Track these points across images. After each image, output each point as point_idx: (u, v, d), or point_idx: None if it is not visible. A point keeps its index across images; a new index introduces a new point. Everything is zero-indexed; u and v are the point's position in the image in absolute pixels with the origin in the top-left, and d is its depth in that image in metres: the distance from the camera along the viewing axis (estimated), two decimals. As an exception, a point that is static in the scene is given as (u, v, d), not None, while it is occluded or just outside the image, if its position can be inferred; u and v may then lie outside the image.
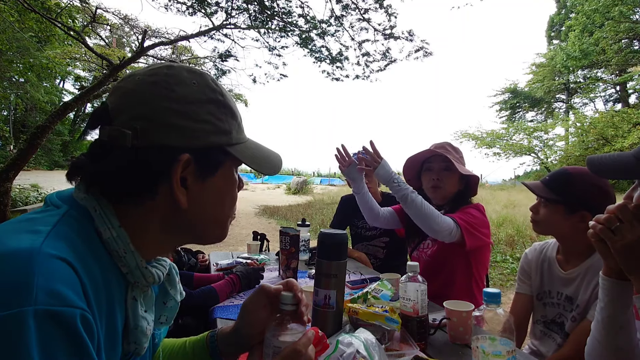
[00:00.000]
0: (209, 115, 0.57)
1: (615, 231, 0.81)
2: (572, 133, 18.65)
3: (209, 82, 0.59)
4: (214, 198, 0.60)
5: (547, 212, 1.32)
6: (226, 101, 0.60)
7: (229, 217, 0.65)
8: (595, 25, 19.60)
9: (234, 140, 0.60)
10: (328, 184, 22.56)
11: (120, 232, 0.53)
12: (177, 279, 0.69)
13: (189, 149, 0.55)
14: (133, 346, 0.56)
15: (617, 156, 0.84)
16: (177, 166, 0.54)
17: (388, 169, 1.63)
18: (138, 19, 9.93)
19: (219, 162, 0.59)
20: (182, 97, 0.55)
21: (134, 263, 0.54)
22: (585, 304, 1.25)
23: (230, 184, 0.62)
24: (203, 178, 0.58)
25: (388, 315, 1.08)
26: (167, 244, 0.61)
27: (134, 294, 0.57)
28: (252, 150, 0.64)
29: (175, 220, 0.58)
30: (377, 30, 8.51)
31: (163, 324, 0.68)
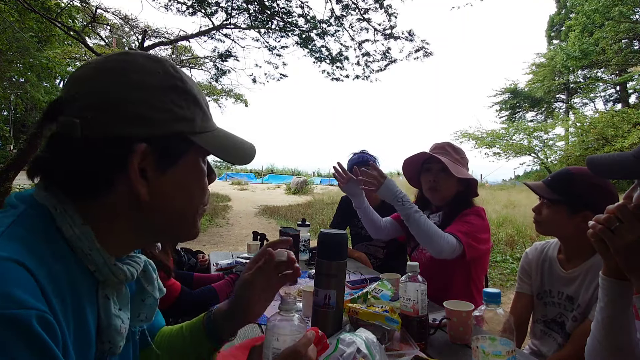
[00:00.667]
0: (167, 102, 0.54)
1: (615, 231, 0.81)
2: (572, 133, 18.64)
3: (167, 69, 0.56)
4: (177, 189, 0.57)
5: (549, 212, 1.32)
6: (187, 88, 0.57)
7: (197, 209, 0.61)
8: (595, 25, 19.58)
9: (197, 128, 0.57)
10: (328, 184, 22.55)
11: (84, 230, 0.51)
12: (155, 276, 0.67)
13: (145, 138, 0.51)
14: (107, 345, 0.55)
15: (617, 156, 0.84)
16: (134, 156, 0.51)
17: (392, 187, 1.61)
18: (138, 19, 9.93)
19: (181, 152, 0.56)
20: (136, 84, 0.52)
21: (101, 260, 0.52)
22: (587, 304, 1.25)
23: (195, 175, 0.59)
24: (164, 168, 0.54)
25: (388, 315, 1.08)
26: (137, 240, 0.59)
27: (105, 292, 0.55)
28: (221, 140, 0.61)
29: (141, 215, 0.55)
30: (377, 30, 8.51)
31: (143, 321, 0.66)
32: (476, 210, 1.70)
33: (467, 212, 1.68)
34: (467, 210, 1.70)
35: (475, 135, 20.17)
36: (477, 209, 1.71)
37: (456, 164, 1.74)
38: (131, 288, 0.65)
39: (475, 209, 1.72)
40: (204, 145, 0.57)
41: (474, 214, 1.67)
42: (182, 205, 0.58)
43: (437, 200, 1.79)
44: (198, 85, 0.61)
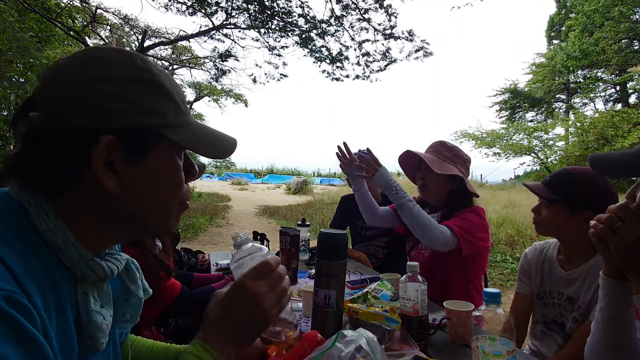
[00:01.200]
0: (134, 95, 0.53)
1: (616, 231, 0.81)
2: (572, 133, 18.63)
3: (135, 61, 0.55)
4: (149, 183, 0.56)
5: (549, 213, 1.32)
6: (157, 81, 0.56)
7: (171, 205, 0.60)
8: (595, 25, 19.57)
9: (170, 122, 0.56)
10: (328, 184, 22.56)
11: (57, 224, 0.51)
12: (139, 275, 0.67)
13: (111, 130, 0.51)
14: (89, 342, 0.55)
15: (620, 154, 0.83)
16: (98, 149, 0.50)
17: (386, 176, 1.63)
18: (138, 19, 9.94)
19: (150, 145, 0.55)
20: (103, 77, 0.52)
21: (76, 255, 0.52)
22: (587, 305, 1.25)
23: (168, 169, 0.58)
24: (133, 162, 0.54)
25: (388, 315, 1.08)
26: (114, 235, 0.59)
27: (84, 288, 0.55)
28: (196, 134, 0.60)
29: (114, 209, 0.55)
30: (377, 30, 8.51)
31: (128, 322, 0.66)
32: (475, 210, 1.70)
33: (466, 211, 1.68)
34: (465, 209, 1.69)
35: (475, 135, 20.17)
36: (476, 208, 1.71)
37: (444, 162, 1.72)
38: (115, 288, 0.64)
39: (474, 208, 1.71)
40: (176, 139, 0.57)
41: (472, 212, 1.67)
42: (154, 200, 0.58)
43: (428, 198, 1.80)
44: (174, 80, 0.61)
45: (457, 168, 1.73)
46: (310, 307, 1.20)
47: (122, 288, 0.66)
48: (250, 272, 0.65)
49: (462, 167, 1.76)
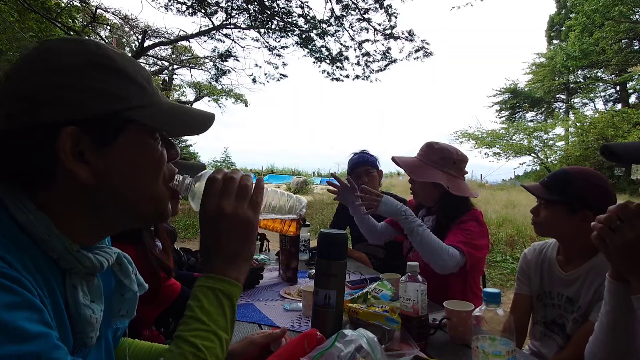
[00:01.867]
0: (91, 81, 0.52)
1: (616, 230, 0.81)
2: (572, 133, 18.62)
3: (88, 48, 0.54)
4: (125, 169, 0.55)
5: (548, 213, 1.31)
6: (116, 65, 0.54)
7: (155, 188, 0.59)
8: (595, 25, 19.57)
9: (134, 104, 0.55)
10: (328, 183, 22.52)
11: (38, 215, 0.50)
12: (132, 269, 0.66)
13: (72, 121, 0.50)
14: (78, 335, 0.54)
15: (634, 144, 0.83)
16: (62, 141, 0.49)
17: (391, 204, 1.59)
18: (138, 19, 9.94)
19: (118, 130, 0.54)
20: (54, 68, 0.51)
21: (61, 246, 0.51)
22: (587, 306, 1.24)
23: (141, 152, 0.56)
24: (102, 149, 0.53)
25: (388, 315, 1.08)
26: (103, 226, 0.58)
27: (72, 281, 0.54)
28: (165, 113, 0.58)
29: (95, 199, 0.54)
30: (377, 30, 8.52)
31: (124, 317, 0.65)
32: (474, 215, 1.65)
33: (465, 219, 1.63)
34: (464, 217, 1.63)
35: (475, 135, 20.16)
36: (475, 213, 1.66)
37: (428, 166, 1.68)
38: (109, 284, 0.64)
39: (473, 213, 1.66)
40: (143, 121, 0.55)
41: (472, 220, 1.62)
42: (135, 185, 0.56)
43: (420, 201, 1.81)
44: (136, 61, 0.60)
45: (442, 172, 1.67)
46: (310, 307, 1.20)
47: (116, 283, 0.65)
48: (203, 196, 0.63)
49: (452, 169, 1.69)
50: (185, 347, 0.53)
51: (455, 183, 1.67)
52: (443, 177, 1.65)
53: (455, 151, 1.73)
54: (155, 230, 1.52)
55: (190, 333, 0.55)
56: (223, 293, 0.58)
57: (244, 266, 0.63)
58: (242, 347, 0.87)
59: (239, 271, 0.62)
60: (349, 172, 2.41)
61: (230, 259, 0.61)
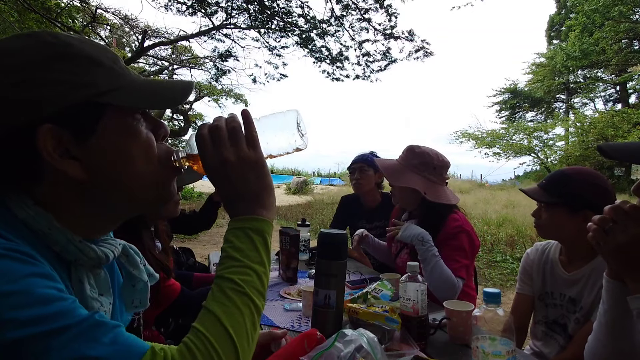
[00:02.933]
0: (53, 73, 0.49)
1: (608, 232, 0.81)
2: (572, 133, 18.62)
3: (43, 39, 0.51)
4: (113, 157, 0.53)
5: (549, 215, 1.31)
6: (75, 51, 0.52)
7: (152, 170, 0.57)
8: (595, 25, 19.57)
9: (103, 88, 0.52)
10: (328, 184, 22.55)
11: (37, 210, 0.50)
12: (140, 259, 0.65)
13: (45, 118, 0.48)
14: None
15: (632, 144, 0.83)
16: (41, 141, 0.48)
17: (411, 229, 1.58)
18: (138, 19, 9.93)
19: (94, 118, 0.52)
20: (13, 68, 0.49)
21: (63, 239, 0.51)
22: (590, 306, 1.24)
23: (128, 135, 0.55)
24: (84, 142, 0.51)
25: (388, 315, 1.08)
26: (102, 218, 0.57)
27: (78, 274, 0.54)
28: (138, 90, 0.56)
29: (92, 193, 0.53)
30: (378, 30, 8.52)
31: (137, 307, 0.65)
32: (461, 226, 1.62)
33: (453, 232, 1.61)
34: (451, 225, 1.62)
35: (475, 135, 20.17)
36: (461, 224, 1.63)
37: (406, 170, 1.66)
38: (118, 279, 0.64)
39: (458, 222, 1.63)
40: (118, 103, 0.53)
41: (462, 232, 1.61)
42: (128, 171, 0.54)
43: (399, 204, 1.83)
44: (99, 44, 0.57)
45: (421, 177, 1.65)
46: (310, 307, 1.20)
47: (126, 275, 0.65)
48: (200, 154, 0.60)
49: (431, 174, 1.66)
50: (224, 284, 0.53)
51: (434, 189, 1.64)
52: (420, 183, 1.63)
53: (436, 156, 1.69)
54: (155, 230, 1.52)
55: (226, 271, 0.54)
56: (253, 230, 0.57)
57: (268, 201, 0.61)
58: None
59: (265, 207, 0.60)
60: (349, 167, 2.55)
61: (253, 199, 0.60)
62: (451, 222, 1.63)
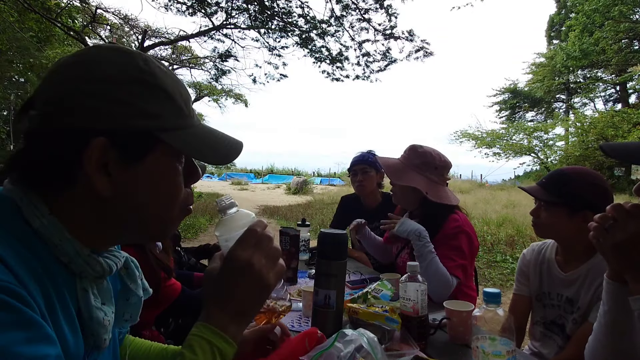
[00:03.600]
0: (130, 96, 0.51)
1: (608, 230, 0.81)
2: (572, 133, 18.62)
3: (136, 62, 0.53)
4: (143, 187, 0.54)
5: (549, 215, 1.31)
6: (157, 83, 0.54)
7: (170, 210, 0.58)
8: (595, 25, 19.56)
9: (168, 125, 0.54)
10: (328, 184, 22.56)
11: (51, 220, 0.50)
12: (138, 274, 0.66)
13: (104, 131, 0.50)
14: (91, 339, 0.54)
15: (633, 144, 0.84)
16: (90, 150, 0.49)
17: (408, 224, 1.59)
18: (138, 19, 9.94)
19: (146, 149, 0.53)
20: (98, 78, 0.51)
21: (72, 251, 0.51)
22: (587, 306, 1.24)
23: (165, 174, 0.56)
24: (126, 164, 0.52)
25: (388, 315, 1.08)
26: (110, 234, 0.57)
27: (83, 285, 0.54)
28: (197, 137, 0.58)
29: (107, 210, 0.54)
30: (378, 30, 8.51)
31: (127, 321, 0.65)
32: (461, 227, 1.61)
33: (453, 232, 1.60)
34: (450, 226, 1.61)
35: (475, 135, 20.18)
36: (461, 224, 1.62)
37: (408, 170, 1.66)
38: (116, 287, 0.64)
39: (459, 222, 1.62)
40: (174, 144, 0.54)
41: (461, 233, 1.60)
42: (149, 204, 0.56)
43: (400, 204, 1.81)
44: (179, 81, 0.59)
45: (423, 176, 1.64)
46: (310, 307, 1.20)
47: (122, 287, 0.65)
48: (237, 242, 0.62)
49: (433, 174, 1.66)
50: None
51: (435, 189, 1.64)
52: (422, 182, 1.63)
53: (438, 156, 1.69)
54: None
55: None
56: (220, 351, 0.57)
57: (244, 326, 0.62)
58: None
59: (239, 330, 0.60)
60: (349, 170, 2.53)
61: (237, 315, 0.60)
62: (451, 223, 1.63)
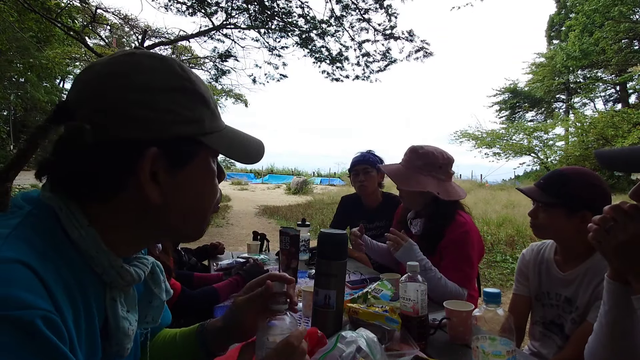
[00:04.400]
0: (174, 104, 0.53)
1: (609, 231, 0.81)
2: (572, 133, 18.62)
3: (174, 69, 0.54)
4: (190, 191, 0.56)
5: (547, 216, 1.30)
6: (195, 88, 0.56)
7: (208, 210, 0.61)
8: (595, 25, 19.56)
9: (207, 129, 0.56)
10: (328, 184, 22.56)
11: (90, 231, 0.50)
12: (162, 278, 0.67)
13: (155, 141, 0.51)
14: (115, 347, 0.55)
15: (630, 150, 0.83)
16: (144, 161, 0.50)
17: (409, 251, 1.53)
18: (138, 19, 9.94)
19: (192, 154, 0.55)
20: (141, 87, 0.51)
21: (107, 263, 0.52)
22: (585, 306, 1.24)
23: (207, 176, 0.59)
24: (175, 172, 0.54)
25: (388, 315, 1.08)
26: (144, 240, 0.59)
27: (112, 294, 0.55)
28: (229, 139, 0.60)
29: (150, 216, 0.54)
30: (377, 30, 8.51)
31: (149, 323, 0.66)
32: (467, 230, 1.60)
33: (460, 238, 1.59)
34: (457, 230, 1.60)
35: (475, 135, 20.17)
36: (467, 228, 1.61)
37: (413, 173, 1.64)
38: (138, 289, 0.64)
39: (465, 225, 1.61)
40: (214, 146, 0.57)
41: (467, 233, 1.59)
42: (195, 207, 0.58)
43: (408, 206, 1.79)
44: (205, 84, 0.60)
45: (430, 177, 1.64)
46: (310, 307, 1.20)
47: (145, 290, 0.66)
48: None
49: (439, 173, 1.66)
50: None
51: (444, 187, 1.64)
52: (431, 184, 1.62)
53: (440, 155, 1.67)
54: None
55: None
56: None
57: None
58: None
59: None
60: (349, 170, 2.50)
61: None
62: (458, 226, 1.61)
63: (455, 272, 1.55)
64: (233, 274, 1.69)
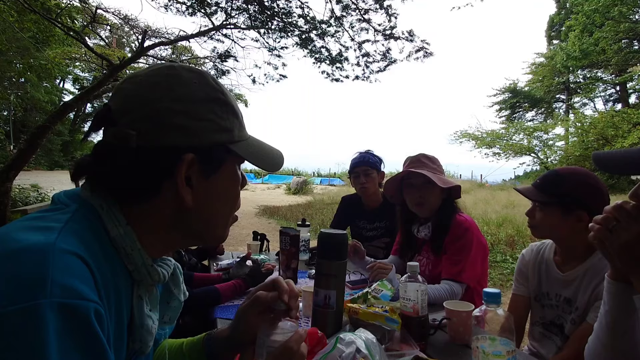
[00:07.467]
0: (210, 113, 0.57)
1: (612, 231, 0.81)
2: (572, 133, 18.62)
3: (209, 81, 0.60)
4: (217, 196, 0.61)
5: (543, 215, 1.31)
6: (227, 99, 0.61)
7: (230, 216, 0.65)
8: (595, 25, 19.55)
9: (236, 137, 0.61)
10: (328, 184, 22.55)
11: (128, 230, 0.54)
12: (181, 279, 0.70)
13: (192, 148, 0.55)
14: (138, 344, 0.57)
15: (623, 151, 0.83)
16: (181, 165, 0.55)
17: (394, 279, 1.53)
18: (138, 19, 9.93)
19: (222, 160, 0.60)
20: (183, 97, 0.56)
21: (140, 261, 0.55)
22: (585, 306, 1.24)
23: (233, 182, 0.63)
24: (207, 176, 0.58)
25: (388, 315, 1.08)
26: (173, 242, 0.62)
27: (139, 292, 0.57)
28: (254, 148, 0.65)
29: (181, 219, 0.58)
30: (378, 30, 8.51)
31: (166, 323, 0.68)
32: (471, 229, 1.64)
33: (464, 240, 1.62)
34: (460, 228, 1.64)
35: (475, 135, 20.18)
36: (471, 227, 1.65)
37: (435, 174, 1.72)
38: (158, 290, 0.66)
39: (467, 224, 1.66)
40: (241, 154, 0.61)
41: (471, 233, 1.63)
42: (219, 211, 0.62)
43: (425, 213, 1.78)
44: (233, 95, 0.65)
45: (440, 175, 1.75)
46: (310, 307, 1.20)
47: (165, 290, 0.68)
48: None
49: (442, 172, 1.79)
50: None
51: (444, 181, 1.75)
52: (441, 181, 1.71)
53: (434, 158, 1.82)
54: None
55: None
56: None
57: None
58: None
59: None
60: (349, 172, 2.47)
61: None
62: (459, 225, 1.67)
63: (453, 266, 1.57)
64: (232, 273, 1.68)
